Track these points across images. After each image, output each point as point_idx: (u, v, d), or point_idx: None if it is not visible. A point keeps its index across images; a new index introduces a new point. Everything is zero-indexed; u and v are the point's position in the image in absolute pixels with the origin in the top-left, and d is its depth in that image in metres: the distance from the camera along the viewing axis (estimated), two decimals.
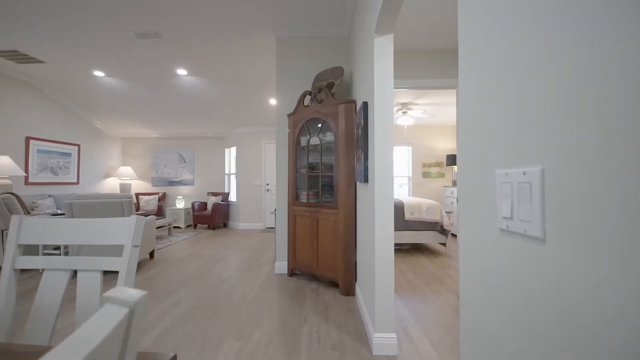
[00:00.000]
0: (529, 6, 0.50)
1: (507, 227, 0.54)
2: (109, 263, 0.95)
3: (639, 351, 0.32)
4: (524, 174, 0.50)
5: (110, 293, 0.31)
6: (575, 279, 0.41)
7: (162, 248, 5.06)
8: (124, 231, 0.94)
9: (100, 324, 0.27)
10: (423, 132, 7.20)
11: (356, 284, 2.96)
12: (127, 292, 0.31)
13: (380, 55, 1.99)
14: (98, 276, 0.96)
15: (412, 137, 7.20)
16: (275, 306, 2.69)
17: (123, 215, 3.50)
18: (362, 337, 2.15)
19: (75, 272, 1.62)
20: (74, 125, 6.32)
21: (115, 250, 3.55)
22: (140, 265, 4.01)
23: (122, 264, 0.92)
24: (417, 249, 4.92)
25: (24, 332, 0.97)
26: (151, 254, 4.33)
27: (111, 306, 0.29)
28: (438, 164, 7.16)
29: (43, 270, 1.01)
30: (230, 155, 7.93)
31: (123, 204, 3.49)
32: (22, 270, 3.62)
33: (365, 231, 2.39)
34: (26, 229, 1.00)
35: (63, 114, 6.03)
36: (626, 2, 0.34)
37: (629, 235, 0.33)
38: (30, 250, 3.65)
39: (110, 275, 3.41)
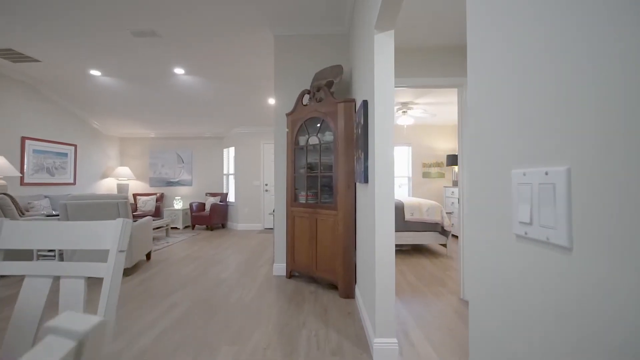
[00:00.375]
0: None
1: (526, 233, 0.49)
2: (93, 269, 0.89)
3: None
4: (546, 174, 0.45)
5: (55, 322, 0.25)
6: (609, 294, 0.35)
7: (159, 249, 4.99)
8: (109, 235, 0.88)
9: None
10: (423, 132, 7.15)
11: (356, 286, 2.90)
12: (77, 320, 0.25)
13: (381, 53, 1.93)
14: (82, 283, 0.90)
15: (412, 137, 7.15)
16: (274, 309, 2.63)
17: (119, 217, 3.44)
18: (362, 342, 2.09)
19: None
20: (70, 125, 6.25)
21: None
22: (136, 267, 3.95)
23: (107, 270, 0.86)
24: (418, 250, 4.87)
25: (2, 342, 0.91)
26: (148, 256, 4.27)
27: (54, 339, 0.23)
28: (438, 164, 7.10)
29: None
30: (229, 155, 7.87)
31: (119, 205, 3.42)
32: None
33: (366, 233, 2.33)
34: (6, 233, 0.95)
35: (59, 114, 5.97)
36: None
37: None
38: (24, 254, 3.60)
39: (98, 281, 3.35)
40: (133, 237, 3.58)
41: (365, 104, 2.19)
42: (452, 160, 6.23)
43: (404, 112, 5.56)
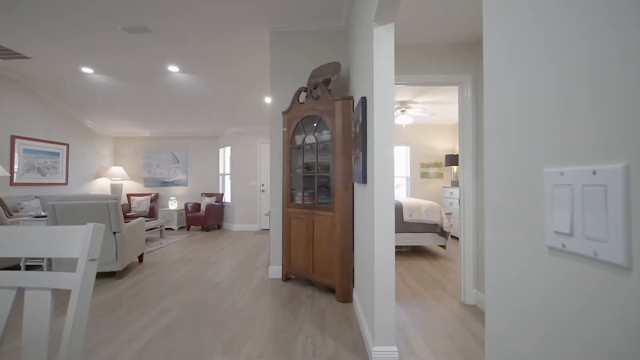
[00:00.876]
0: None
1: (564, 245, 0.40)
2: (60, 280, 0.79)
3: None
4: (594, 173, 0.36)
5: None
6: None
7: (152, 251, 4.88)
8: (78, 242, 0.79)
9: None
10: (422, 131, 7.08)
11: (354, 290, 2.81)
12: None
13: (381, 47, 1.85)
14: (48, 295, 0.81)
15: (411, 137, 7.08)
16: (268, 315, 2.53)
17: (109, 218, 3.33)
18: (360, 349, 2.00)
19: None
20: (62, 123, 6.12)
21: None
22: (128, 269, 3.84)
23: (75, 282, 0.77)
24: (417, 251, 4.79)
25: None
26: (140, 258, 4.16)
27: None
28: (437, 164, 7.04)
29: None
30: (225, 155, 7.76)
31: (109, 206, 3.31)
32: None
33: (364, 235, 2.24)
34: None
35: (51, 113, 5.84)
36: None
37: None
38: (11, 262, 3.49)
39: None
40: (125, 239, 3.47)
41: (363, 100, 2.11)
42: (451, 160, 6.16)
43: (402, 111, 5.49)
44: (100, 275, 3.57)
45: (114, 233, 3.39)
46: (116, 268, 3.39)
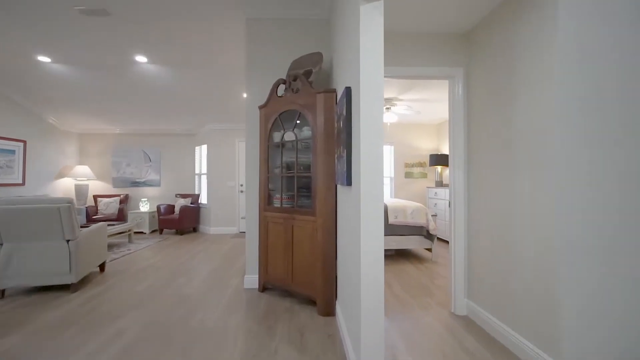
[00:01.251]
0: None
1: None
2: None
3: None
4: None
5: None
6: None
7: (117, 258, 4.46)
8: None
9: None
10: (406, 130, 6.93)
11: (337, 302, 2.56)
12: None
13: (368, 28, 1.60)
14: None
15: (395, 136, 6.92)
16: (241, 333, 2.24)
17: (61, 224, 2.94)
18: None
19: None
20: (18, 118, 5.55)
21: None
22: (86, 281, 3.43)
23: None
24: (402, 254, 4.60)
25: None
26: (102, 267, 3.76)
27: None
28: (421, 164, 6.90)
29: None
30: (201, 153, 7.35)
31: (60, 210, 2.92)
32: None
33: (349, 243, 2.00)
34: None
35: (4, 106, 5.28)
36: None
37: None
38: None
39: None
40: (81, 247, 3.08)
41: (348, 91, 1.86)
42: (436, 160, 6.02)
43: (387, 108, 5.29)
44: (53, 289, 3.16)
45: (68, 241, 3.00)
46: (70, 280, 3.00)
